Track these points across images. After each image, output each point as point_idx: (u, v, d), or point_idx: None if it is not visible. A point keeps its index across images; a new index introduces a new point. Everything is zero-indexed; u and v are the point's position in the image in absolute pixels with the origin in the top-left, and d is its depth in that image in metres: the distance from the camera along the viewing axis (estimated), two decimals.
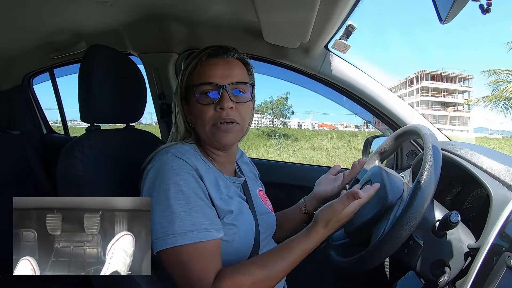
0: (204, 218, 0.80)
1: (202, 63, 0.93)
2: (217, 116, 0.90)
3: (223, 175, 0.96)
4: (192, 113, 0.94)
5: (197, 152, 0.93)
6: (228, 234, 0.87)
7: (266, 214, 1.06)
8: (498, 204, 0.83)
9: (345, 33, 1.31)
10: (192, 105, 0.93)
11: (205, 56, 0.93)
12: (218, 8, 1.27)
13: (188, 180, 0.82)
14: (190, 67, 0.94)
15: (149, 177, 0.84)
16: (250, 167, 1.21)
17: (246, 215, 0.94)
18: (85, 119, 1.06)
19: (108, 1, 1.24)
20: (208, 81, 0.90)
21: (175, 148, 0.88)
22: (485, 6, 0.64)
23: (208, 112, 0.90)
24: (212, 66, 0.92)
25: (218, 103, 0.90)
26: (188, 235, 0.77)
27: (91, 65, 1.02)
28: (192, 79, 0.93)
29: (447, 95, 35.40)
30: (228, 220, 0.87)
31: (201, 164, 0.89)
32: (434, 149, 0.86)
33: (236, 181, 1.00)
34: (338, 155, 14.27)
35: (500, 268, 0.74)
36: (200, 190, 0.83)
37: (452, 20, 0.74)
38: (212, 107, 0.90)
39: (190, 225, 0.78)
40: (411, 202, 0.79)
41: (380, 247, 0.83)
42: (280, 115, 25.14)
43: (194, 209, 0.80)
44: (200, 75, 0.92)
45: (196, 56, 0.94)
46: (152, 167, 0.85)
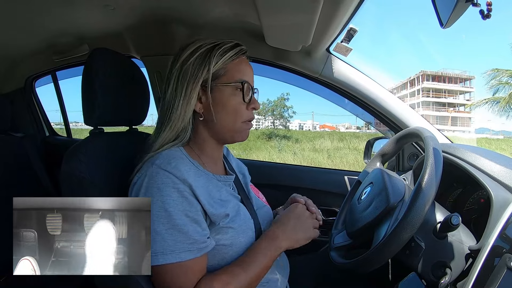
0: (186, 237, 0.79)
1: (240, 58, 0.94)
2: (248, 114, 0.95)
3: (213, 177, 0.94)
4: (219, 104, 0.91)
5: (185, 155, 0.90)
6: (226, 238, 0.86)
7: (262, 208, 1.06)
8: (498, 206, 0.83)
9: (346, 36, 1.32)
10: (220, 96, 0.91)
11: (243, 52, 0.95)
12: (221, 11, 1.28)
13: (172, 196, 0.79)
14: (228, 55, 0.91)
15: (134, 191, 0.83)
16: (238, 162, 1.20)
17: (243, 215, 0.93)
18: (89, 122, 1.06)
19: (110, 5, 1.25)
20: (247, 80, 0.93)
21: (160, 158, 0.84)
22: (485, 12, 0.65)
23: (243, 109, 0.93)
24: (248, 67, 0.96)
25: (253, 104, 0.95)
26: (168, 255, 0.77)
27: (95, 69, 1.02)
28: (227, 70, 0.92)
29: (448, 95, 35.40)
30: (224, 223, 0.87)
31: (191, 169, 0.87)
32: (435, 152, 0.86)
33: (227, 179, 0.99)
34: (339, 157, 14.23)
35: (500, 270, 0.75)
36: (185, 204, 0.80)
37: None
38: (245, 105, 0.93)
39: (171, 244, 0.77)
40: (413, 204, 0.80)
41: (382, 248, 0.83)
42: (280, 116, 25.14)
43: (176, 228, 0.78)
44: (241, 70, 0.93)
45: (234, 47, 0.93)
46: (138, 180, 0.83)
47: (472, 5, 0.66)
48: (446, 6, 0.71)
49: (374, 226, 0.96)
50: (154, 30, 1.49)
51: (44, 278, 0.72)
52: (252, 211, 0.98)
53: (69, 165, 0.92)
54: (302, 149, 16.30)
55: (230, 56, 0.91)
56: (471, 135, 30.76)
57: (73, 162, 0.92)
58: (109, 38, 1.57)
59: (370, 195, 1.06)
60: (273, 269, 0.99)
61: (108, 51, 1.09)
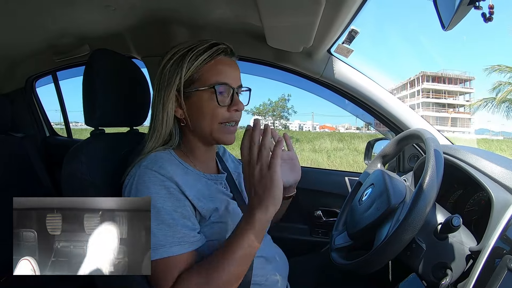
0: (176, 231, 0.80)
1: (217, 59, 0.92)
2: (228, 116, 0.91)
3: (203, 176, 0.95)
4: (195, 109, 0.92)
5: (174, 156, 0.92)
6: (216, 233, 0.87)
7: None
8: (499, 207, 0.84)
9: (348, 38, 1.32)
10: (196, 101, 0.91)
11: (218, 52, 0.92)
12: (222, 12, 1.28)
13: (160, 193, 0.81)
14: (201, 59, 0.90)
15: (125, 193, 0.85)
16: (236, 165, 1.20)
17: (233, 210, 0.94)
18: (90, 123, 1.06)
19: (111, 5, 1.24)
20: (224, 81, 0.90)
21: (147, 160, 0.87)
22: (487, 15, 0.65)
23: (221, 112, 0.90)
24: (226, 66, 0.92)
25: (234, 105, 0.91)
26: (160, 249, 0.77)
27: (95, 70, 1.02)
28: (202, 73, 0.91)
29: (448, 96, 35.47)
30: (214, 218, 0.88)
31: (178, 168, 0.88)
32: (436, 154, 0.86)
33: (218, 178, 1.00)
34: (339, 157, 14.23)
35: (501, 271, 0.75)
36: (173, 200, 0.82)
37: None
38: (225, 107, 0.91)
39: (162, 239, 0.78)
40: (414, 206, 0.80)
41: (383, 250, 0.84)
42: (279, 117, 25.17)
43: (166, 223, 0.79)
44: (215, 72, 0.91)
45: (209, 49, 0.91)
46: (128, 182, 0.85)
47: (474, 7, 0.66)
48: (448, 8, 0.71)
49: (375, 227, 0.96)
50: (155, 31, 1.49)
51: (44, 278, 0.72)
52: (243, 208, 0.98)
53: (70, 166, 0.93)
54: (302, 150, 16.29)
55: (204, 59, 0.90)
56: (471, 136, 30.80)
57: (74, 163, 0.93)
58: (110, 39, 1.57)
59: (371, 196, 1.06)
60: (273, 269, 1.00)
61: (109, 52, 1.10)
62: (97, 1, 1.21)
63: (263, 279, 0.96)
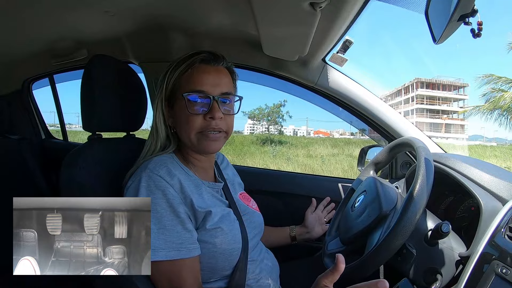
0: (176, 237, 0.82)
1: (194, 68, 0.94)
2: (206, 125, 0.92)
3: (202, 183, 0.97)
4: (177, 118, 0.95)
5: (176, 161, 0.94)
6: (214, 236, 0.89)
7: (249, 213, 1.08)
8: (488, 214, 0.86)
9: (342, 48, 1.34)
10: (177, 110, 0.94)
11: (197, 61, 0.94)
12: (219, 20, 1.29)
13: (163, 199, 0.84)
14: (179, 70, 0.94)
15: (128, 194, 0.87)
16: (234, 174, 1.23)
17: (229, 217, 0.96)
18: (88, 128, 1.07)
19: (110, 11, 1.25)
20: (199, 89, 0.92)
21: (151, 163, 0.89)
22: (476, 31, 0.68)
23: (196, 120, 0.92)
24: (204, 74, 0.93)
25: (209, 113, 0.92)
26: (159, 252, 0.79)
27: (94, 75, 1.03)
28: (181, 83, 0.94)
29: (442, 103, 35.71)
30: (211, 225, 0.89)
31: (181, 173, 0.91)
32: (426, 162, 0.88)
33: (215, 186, 1.02)
34: (334, 162, 14.25)
35: (489, 276, 0.77)
36: (175, 205, 0.84)
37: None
38: (201, 115, 0.92)
39: (162, 243, 0.80)
40: (404, 213, 0.82)
41: (374, 255, 0.85)
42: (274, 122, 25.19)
43: (167, 228, 0.82)
44: (191, 80, 0.93)
45: (187, 59, 0.94)
46: (131, 185, 0.87)
47: (463, 23, 0.68)
48: (439, 23, 0.74)
49: (367, 233, 0.97)
50: (153, 37, 1.50)
51: (44, 278, 0.73)
52: (238, 215, 1.01)
53: (69, 172, 0.94)
54: (297, 155, 16.29)
55: (181, 70, 0.93)
56: (464, 142, 30.98)
57: (72, 168, 0.94)
58: (108, 44, 1.58)
59: (363, 203, 1.08)
60: (266, 274, 1.01)
61: (108, 58, 1.11)
62: (97, 6, 1.22)
63: (254, 282, 0.98)
